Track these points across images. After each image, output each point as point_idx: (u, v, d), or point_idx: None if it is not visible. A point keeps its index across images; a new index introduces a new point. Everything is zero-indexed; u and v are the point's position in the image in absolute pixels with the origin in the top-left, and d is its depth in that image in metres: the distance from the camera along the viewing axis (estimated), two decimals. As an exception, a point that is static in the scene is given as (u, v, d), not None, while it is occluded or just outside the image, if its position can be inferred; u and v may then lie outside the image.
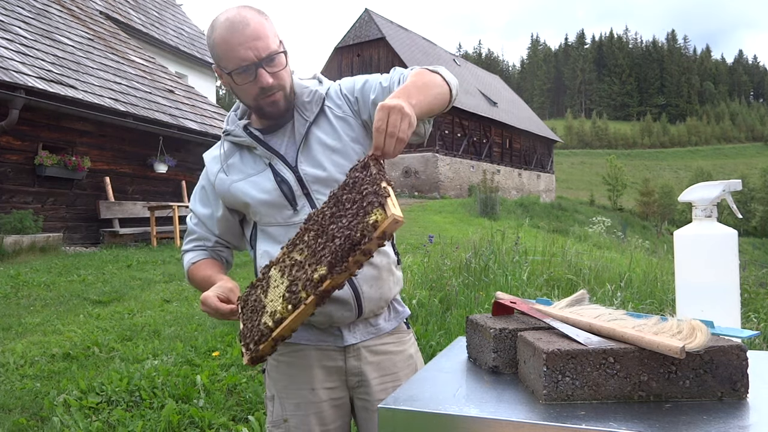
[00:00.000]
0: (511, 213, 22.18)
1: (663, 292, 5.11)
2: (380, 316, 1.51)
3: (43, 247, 8.25)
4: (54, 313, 5.13)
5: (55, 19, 11.61)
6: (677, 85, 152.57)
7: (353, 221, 1.11)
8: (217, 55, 1.38)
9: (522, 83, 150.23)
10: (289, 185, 1.42)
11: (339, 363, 1.47)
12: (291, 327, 1.17)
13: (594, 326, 0.97)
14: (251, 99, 1.41)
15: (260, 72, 1.35)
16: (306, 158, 1.43)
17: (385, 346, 1.51)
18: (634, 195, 55.48)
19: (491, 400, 0.92)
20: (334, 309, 1.40)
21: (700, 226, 1.31)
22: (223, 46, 1.35)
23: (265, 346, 1.20)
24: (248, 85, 1.37)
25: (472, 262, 5.58)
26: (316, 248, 1.17)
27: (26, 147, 8.89)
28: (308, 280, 1.14)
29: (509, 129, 39.71)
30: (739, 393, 0.89)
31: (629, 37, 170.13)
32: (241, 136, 1.47)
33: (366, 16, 35.65)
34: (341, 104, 1.49)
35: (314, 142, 1.44)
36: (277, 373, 1.50)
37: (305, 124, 1.45)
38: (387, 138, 1.17)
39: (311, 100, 1.46)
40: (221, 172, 1.50)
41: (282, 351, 1.47)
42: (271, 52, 1.35)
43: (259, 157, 1.46)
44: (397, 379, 1.49)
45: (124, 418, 3.01)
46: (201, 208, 1.57)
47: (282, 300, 1.19)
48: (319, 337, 1.46)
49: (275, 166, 1.44)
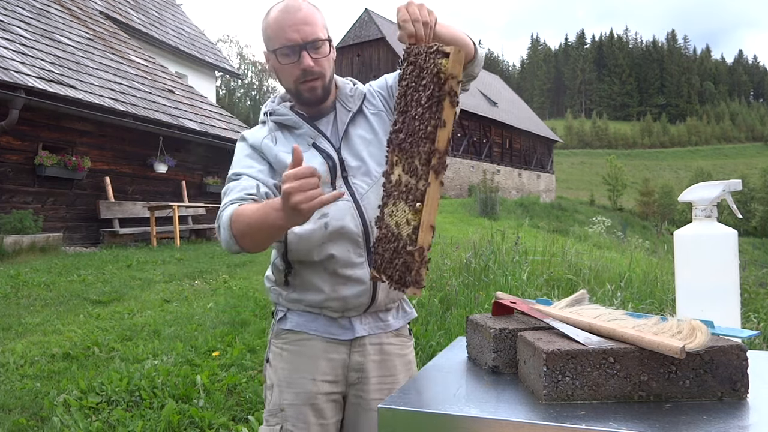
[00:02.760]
0: (511, 213, 22.20)
1: (663, 292, 5.11)
2: (390, 312, 1.55)
3: (43, 247, 8.24)
4: (54, 313, 5.13)
5: (55, 19, 11.61)
6: (677, 85, 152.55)
7: (427, 88, 1.11)
8: (267, 36, 1.44)
9: (522, 83, 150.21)
10: (334, 163, 1.45)
11: (343, 356, 1.49)
12: (429, 221, 1.08)
13: (594, 326, 0.97)
14: (292, 81, 1.44)
15: (303, 54, 1.40)
16: (346, 146, 1.48)
17: (390, 346, 1.53)
18: (634, 195, 55.49)
19: (491, 400, 0.92)
20: (350, 294, 1.43)
21: (700, 226, 1.31)
22: (274, 26, 1.42)
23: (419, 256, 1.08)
24: (291, 66, 1.42)
25: (472, 262, 5.58)
26: (406, 146, 1.15)
27: (26, 147, 8.88)
28: (419, 161, 1.10)
29: (509, 129, 39.72)
30: (739, 393, 0.89)
31: (629, 37, 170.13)
32: (286, 114, 1.50)
33: (366, 16, 35.67)
34: (375, 102, 1.57)
35: (353, 135, 1.50)
36: (281, 362, 1.51)
37: (348, 114, 1.51)
38: (414, 24, 1.22)
39: (354, 94, 1.54)
40: (267, 139, 1.49)
41: (288, 339, 1.51)
42: (317, 38, 1.41)
43: (303, 138, 1.48)
44: (395, 382, 1.51)
45: (124, 418, 3.01)
46: (254, 165, 1.46)
47: (408, 208, 1.11)
48: (328, 328, 1.48)
49: (320, 144, 1.47)
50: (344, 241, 1.42)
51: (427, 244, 1.08)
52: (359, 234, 1.42)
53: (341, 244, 1.42)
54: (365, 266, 1.43)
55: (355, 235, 1.42)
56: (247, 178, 1.42)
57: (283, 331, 1.53)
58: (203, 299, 5.75)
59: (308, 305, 1.49)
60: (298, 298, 1.49)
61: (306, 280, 1.46)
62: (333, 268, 1.43)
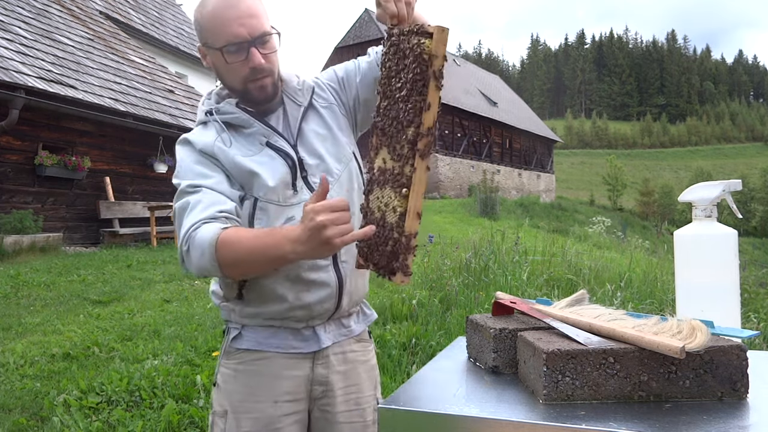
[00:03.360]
0: (511, 213, 22.19)
1: (663, 292, 5.11)
2: (352, 316, 1.45)
3: (43, 247, 8.24)
4: (54, 313, 5.13)
5: (55, 19, 11.60)
6: (677, 85, 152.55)
7: (411, 70, 1.08)
8: (206, 31, 1.30)
9: (522, 83, 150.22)
10: (294, 162, 1.33)
11: (306, 371, 1.37)
12: (416, 207, 1.06)
13: (594, 326, 0.97)
14: (239, 81, 1.32)
15: (252, 51, 1.28)
16: (302, 144, 1.37)
17: (353, 354, 1.44)
18: (634, 195, 55.48)
19: (491, 400, 0.92)
20: (315, 300, 1.32)
21: (700, 226, 1.31)
22: (215, 20, 1.28)
23: (407, 242, 1.06)
24: (238, 64, 1.29)
25: (472, 262, 5.58)
26: (391, 130, 1.12)
27: (26, 147, 8.88)
28: (404, 146, 1.08)
29: (509, 129, 39.71)
30: (739, 393, 0.89)
31: (629, 37, 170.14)
32: (233, 112, 1.35)
33: (366, 16, 35.67)
34: (326, 95, 1.46)
35: (307, 131, 1.39)
36: (235, 385, 1.35)
37: (300, 109, 1.40)
38: (396, 2, 1.18)
39: (302, 88, 1.42)
40: (219, 142, 1.32)
41: (243, 359, 1.36)
42: (265, 32, 1.30)
43: (254, 138, 1.34)
44: (359, 391, 1.42)
45: (124, 418, 3.01)
46: (209, 174, 1.29)
47: (394, 194, 1.09)
48: (290, 342, 1.35)
49: (275, 143, 1.34)
50: None
51: (414, 230, 1.06)
52: None
53: None
54: (330, 269, 1.33)
55: None
56: (209, 191, 1.26)
57: (237, 351, 1.37)
58: (203, 299, 5.74)
59: (268, 318, 1.34)
60: (255, 312, 1.34)
61: (265, 291, 1.31)
62: (296, 272, 1.30)
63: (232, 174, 1.30)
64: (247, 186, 1.31)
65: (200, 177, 1.28)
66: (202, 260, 1.17)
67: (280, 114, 1.40)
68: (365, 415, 1.41)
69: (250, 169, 1.29)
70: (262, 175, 1.29)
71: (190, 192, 1.26)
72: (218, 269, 1.17)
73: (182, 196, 1.28)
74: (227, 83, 1.36)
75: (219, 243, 1.15)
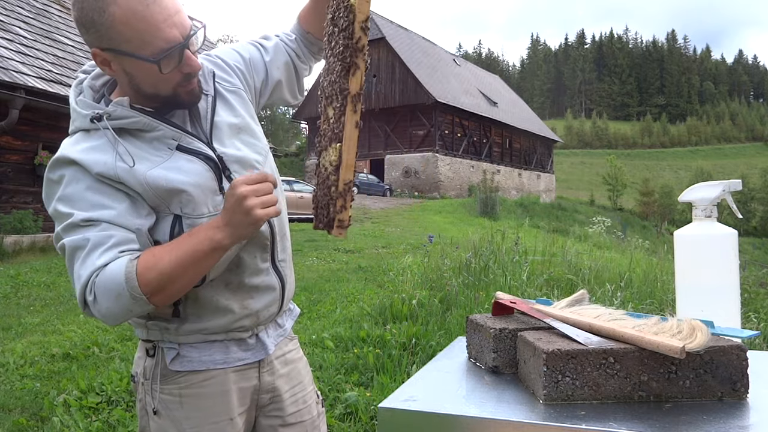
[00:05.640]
0: (511, 213, 22.20)
1: (663, 292, 5.11)
2: (283, 315, 1.38)
3: (43, 247, 8.24)
4: (54, 313, 5.13)
5: (55, 19, 11.61)
6: (677, 85, 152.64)
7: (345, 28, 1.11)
8: (119, 35, 1.04)
9: (522, 83, 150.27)
10: (215, 161, 1.17)
11: (254, 382, 1.29)
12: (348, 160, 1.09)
13: (594, 326, 0.97)
14: (170, 87, 1.12)
15: (187, 55, 1.10)
16: (218, 140, 1.20)
17: (291, 353, 1.39)
18: (634, 195, 55.51)
19: (491, 400, 0.92)
20: (261, 306, 1.26)
21: (700, 226, 1.31)
22: (138, 23, 1.04)
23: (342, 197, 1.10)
24: (172, 72, 1.10)
25: (472, 262, 5.58)
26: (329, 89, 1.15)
27: (26, 147, 8.89)
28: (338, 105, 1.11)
29: (509, 129, 39.74)
30: (739, 393, 0.89)
31: (629, 37, 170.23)
32: (130, 116, 1.11)
33: (366, 16, 35.62)
34: (231, 79, 1.30)
35: (221, 124, 1.22)
36: (184, 411, 1.21)
37: (207, 99, 1.22)
38: None
39: (202, 73, 1.22)
40: (119, 162, 1.08)
41: (190, 382, 1.22)
42: (192, 29, 1.10)
43: (160, 142, 1.13)
44: (303, 389, 1.40)
45: (124, 418, 3.01)
46: (107, 203, 1.08)
47: (332, 150, 1.12)
48: (236, 355, 1.25)
49: (189, 146, 1.15)
50: (253, 246, 1.22)
51: (347, 178, 1.09)
52: (267, 237, 1.24)
53: (250, 251, 1.21)
54: (271, 271, 1.26)
55: (264, 239, 1.24)
56: (110, 227, 1.06)
57: (178, 374, 1.21)
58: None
59: (211, 333, 1.21)
60: (196, 328, 1.20)
61: (206, 305, 1.19)
62: (238, 280, 1.20)
63: (142, 195, 1.10)
64: (163, 203, 1.12)
65: (97, 208, 1.07)
66: (120, 303, 1.02)
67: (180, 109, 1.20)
68: (311, 410, 1.41)
69: (170, 187, 1.10)
70: (186, 190, 1.12)
71: (85, 226, 1.06)
72: (145, 302, 1.03)
73: (75, 230, 1.06)
74: (147, 92, 1.13)
75: (138, 273, 1.02)
